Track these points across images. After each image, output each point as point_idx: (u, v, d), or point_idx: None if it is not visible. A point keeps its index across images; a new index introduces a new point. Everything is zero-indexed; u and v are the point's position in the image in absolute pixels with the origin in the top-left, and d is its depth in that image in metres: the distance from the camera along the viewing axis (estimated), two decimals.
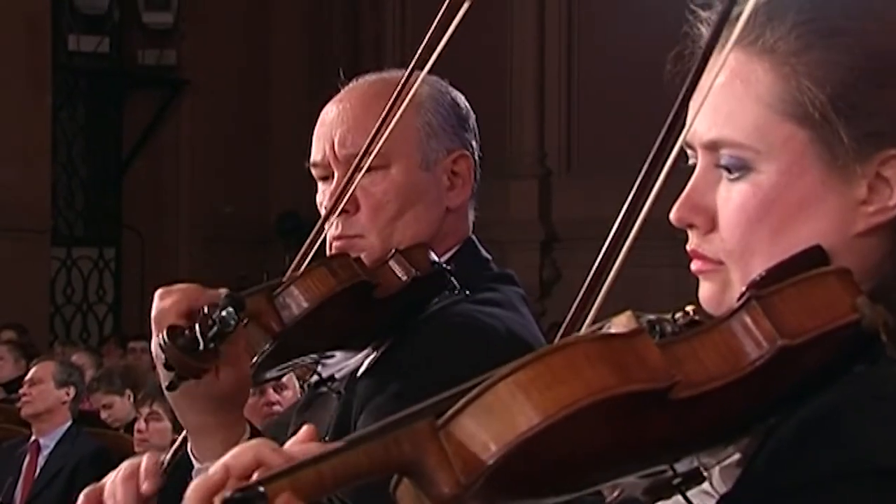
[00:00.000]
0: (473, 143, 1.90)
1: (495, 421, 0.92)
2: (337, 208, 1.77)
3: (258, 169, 11.68)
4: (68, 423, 5.87)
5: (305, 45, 12.20)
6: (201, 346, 1.55)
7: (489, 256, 1.92)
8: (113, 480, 1.61)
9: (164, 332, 1.55)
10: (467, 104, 1.91)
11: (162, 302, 1.60)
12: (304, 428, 1.10)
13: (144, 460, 1.64)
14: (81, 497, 1.59)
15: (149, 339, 1.76)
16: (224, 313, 1.55)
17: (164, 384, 1.59)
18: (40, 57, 10.58)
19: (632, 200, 1.05)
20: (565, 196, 10.84)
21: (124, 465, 1.71)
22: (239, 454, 1.04)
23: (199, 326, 1.55)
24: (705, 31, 1.18)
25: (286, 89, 11.77)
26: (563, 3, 11.17)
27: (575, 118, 11.06)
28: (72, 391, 5.92)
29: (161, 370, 1.59)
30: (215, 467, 1.03)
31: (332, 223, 1.81)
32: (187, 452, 1.68)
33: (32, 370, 6.06)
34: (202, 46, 11.69)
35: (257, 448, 1.04)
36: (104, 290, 11.96)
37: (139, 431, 5.42)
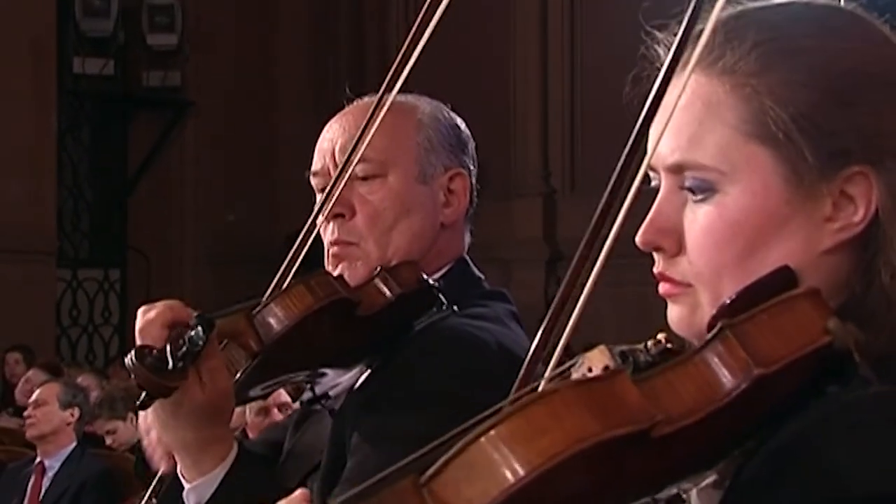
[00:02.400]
0: (471, 166, 1.93)
1: (480, 477, 0.90)
2: (326, 209, 1.79)
3: (264, 189, 11.70)
4: (73, 445, 5.86)
5: (310, 65, 12.24)
6: (170, 366, 1.58)
7: (481, 276, 1.93)
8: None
9: (133, 353, 1.58)
10: (468, 131, 1.94)
11: (146, 315, 1.64)
12: (300, 492, 1.10)
13: None
14: None
15: None
16: (192, 333, 1.57)
17: (137, 403, 1.63)
18: (46, 80, 10.62)
19: (594, 226, 1.05)
20: (570, 214, 10.84)
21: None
22: None
23: (170, 346, 1.58)
24: (662, 53, 1.18)
25: (291, 109, 11.79)
26: (567, 22, 11.20)
27: (578, 136, 11.07)
28: (76, 412, 5.92)
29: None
30: None
31: (326, 227, 1.83)
32: (176, 475, 1.70)
33: (37, 392, 6.06)
34: (207, 68, 11.73)
35: None
36: (109, 311, 11.97)
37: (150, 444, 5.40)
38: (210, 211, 11.78)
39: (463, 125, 1.95)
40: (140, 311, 1.66)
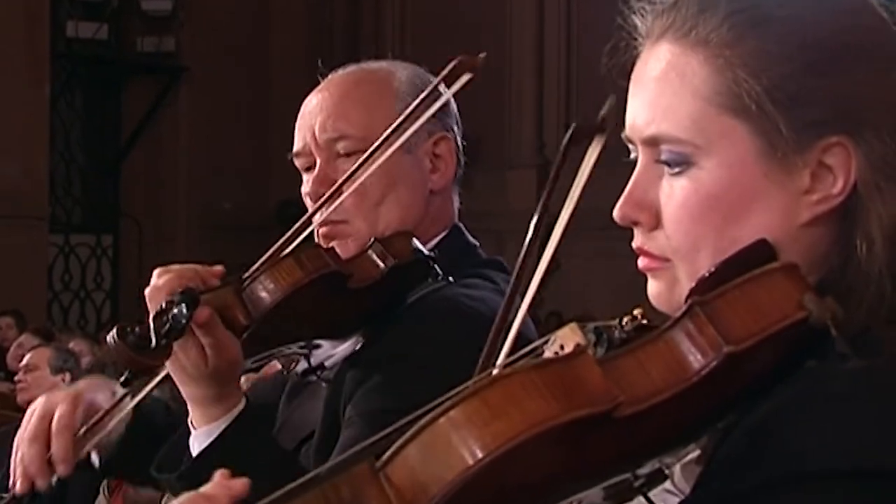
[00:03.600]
0: (455, 127, 1.90)
1: (435, 460, 0.90)
2: (332, 199, 1.78)
3: (257, 156, 11.66)
4: None
5: (305, 32, 12.19)
6: (153, 343, 1.57)
7: (476, 243, 1.92)
8: (21, 436, 1.74)
9: (115, 330, 1.58)
10: (447, 90, 1.91)
11: (157, 280, 1.64)
12: (219, 473, 1.11)
13: (56, 436, 1.73)
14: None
15: None
16: (176, 310, 1.56)
17: (120, 381, 1.63)
18: (39, 43, 10.56)
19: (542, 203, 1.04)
20: (564, 186, 10.83)
21: (35, 419, 1.79)
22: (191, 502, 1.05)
23: (153, 323, 1.57)
24: (639, 22, 1.17)
25: (285, 76, 11.74)
26: None
27: (574, 108, 11.05)
28: (67, 378, 5.91)
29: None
30: None
31: (315, 210, 1.82)
32: (187, 424, 1.72)
33: (28, 356, 6.06)
34: (201, 33, 11.68)
35: (213, 500, 1.04)
36: (102, 277, 11.96)
37: None
38: (203, 177, 11.75)
39: (442, 86, 1.92)
40: (155, 273, 1.67)
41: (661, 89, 1.13)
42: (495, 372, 1.01)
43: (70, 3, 11.46)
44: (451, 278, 1.78)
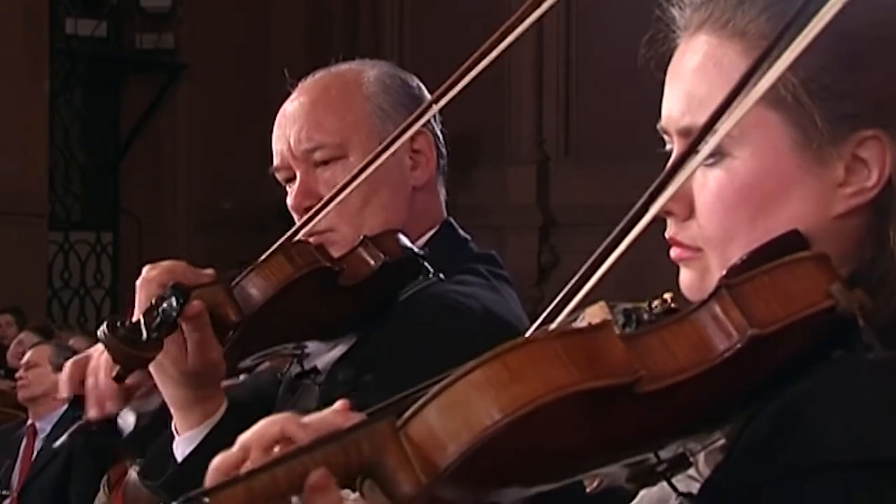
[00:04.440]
0: (431, 120, 1.90)
1: (453, 420, 0.91)
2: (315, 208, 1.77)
3: (257, 154, 11.64)
4: (65, 407, 5.86)
5: (304, 29, 12.17)
6: (143, 337, 1.56)
7: (468, 237, 1.92)
8: (92, 366, 1.75)
9: (105, 324, 1.58)
10: (420, 83, 1.91)
11: (147, 274, 1.64)
12: (340, 402, 1.11)
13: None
14: (69, 364, 1.75)
15: None
16: (166, 304, 1.56)
17: (112, 375, 1.63)
18: (38, 40, 10.55)
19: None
20: (563, 181, 10.83)
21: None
22: (263, 428, 1.04)
23: (144, 317, 1.57)
24: (677, 14, 1.18)
25: (285, 73, 11.71)
26: None
27: (573, 103, 11.04)
28: None
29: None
30: (236, 445, 1.03)
31: (299, 221, 1.81)
32: (170, 428, 1.71)
33: (28, 353, 6.06)
34: (200, 30, 11.66)
35: (284, 422, 1.04)
36: (102, 274, 11.95)
37: None
38: (203, 174, 11.74)
39: (414, 80, 1.91)
40: (144, 270, 1.68)
41: (698, 80, 1.13)
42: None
43: (69, 1, 11.44)
44: (442, 275, 1.77)
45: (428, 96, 1.89)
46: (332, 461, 0.91)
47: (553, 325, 1.06)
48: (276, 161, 1.89)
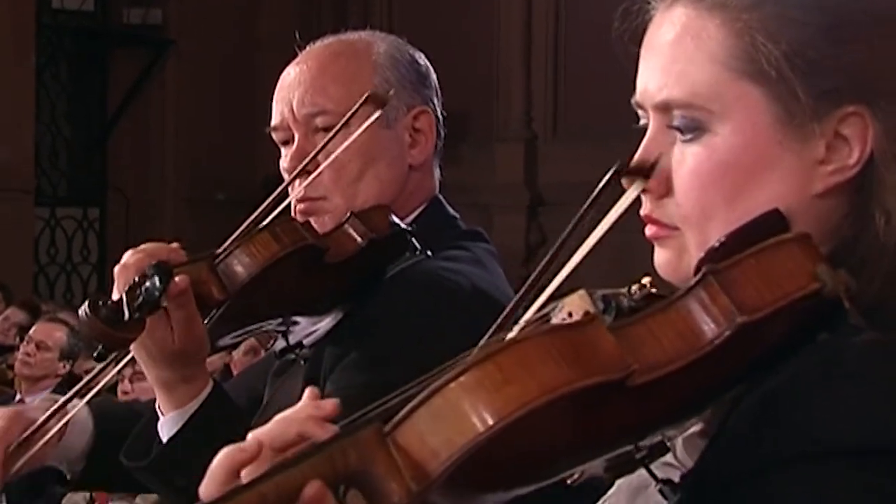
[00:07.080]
0: (434, 99, 1.89)
1: (445, 426, 0.88)
2: (307, 170, 1.77)
3: (244, 130, 11.60)
4: (53, 385, 5.88)
5: (293, 3, 12.11)
6: (126, 317, 1.55)
7: (457, 215, 1.92)
8: None
9: (87, 304, 1.57)
10: (427, 62, 1.90)
11: (126, 260, 1.64)
12: (308, 390, 1.08)
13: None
14: None
15: None
16: (149, 284, 1.55)
17: (93, 355, 1.63)
18: (24, 13, 10.47)
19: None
20: (551, 160, 10.81)
21: None
22: (281, 427, 1.00)
23: (126, 296, 1.56)
24: None
25: (273, 49, 11.65)
26: None
27: (562, 83, 11.01)
28: (68, 366, 5.98)
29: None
30: (249, 440, 0.99)
31: (291, 186, 1.81)
32: (155, 408, 1.71)
33: (47, 331, 6.03)
34: (188, 6, 11.59)
35: (303, 423, 1.01)
36: (88, 250, 11.90)
37: (125, 393, 5.43)
38: (190, 150, 11.69)
39: (422, 58, 1.90)
40: (126, 254, 1.66)
41: (676, 54, 1.10)
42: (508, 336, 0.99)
43: None
44: (429, 252, 1.77)
45: (433, 74, 1.89)
46: (319, 472, 0.87)
47: (525, 319, 1.04)
48: (274, 120, 1.88)
